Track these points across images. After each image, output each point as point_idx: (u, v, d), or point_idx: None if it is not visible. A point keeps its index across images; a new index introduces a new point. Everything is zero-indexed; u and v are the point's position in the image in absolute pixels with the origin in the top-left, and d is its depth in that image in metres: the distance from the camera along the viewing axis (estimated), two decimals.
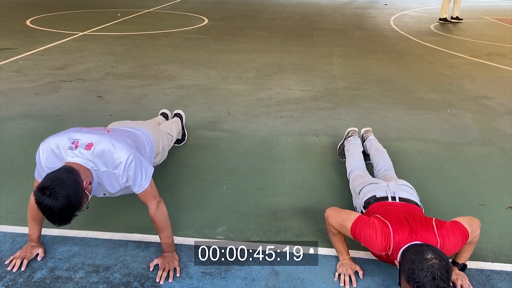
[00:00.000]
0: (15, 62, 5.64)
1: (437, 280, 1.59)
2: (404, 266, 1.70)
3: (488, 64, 6.09)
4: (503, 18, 10.58)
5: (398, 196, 2.19)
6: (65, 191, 1.67)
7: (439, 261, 1.62)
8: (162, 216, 2.04)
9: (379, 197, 2.22)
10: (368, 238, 1.90)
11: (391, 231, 1.88)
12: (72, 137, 1.93)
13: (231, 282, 2.00)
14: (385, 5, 12.41)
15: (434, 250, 1.68)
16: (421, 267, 1.61)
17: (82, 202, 1.75)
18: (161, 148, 2.61)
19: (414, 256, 1.67)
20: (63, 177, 1.70)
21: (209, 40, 7.29)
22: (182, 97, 4.45)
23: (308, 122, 3.87)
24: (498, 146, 3.47)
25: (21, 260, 2.06)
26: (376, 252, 1.93)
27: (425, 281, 1.59)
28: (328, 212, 2.08)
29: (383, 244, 1.87)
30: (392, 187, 2.27)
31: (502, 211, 2.59)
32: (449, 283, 1.63)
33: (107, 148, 1.89)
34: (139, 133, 2.38)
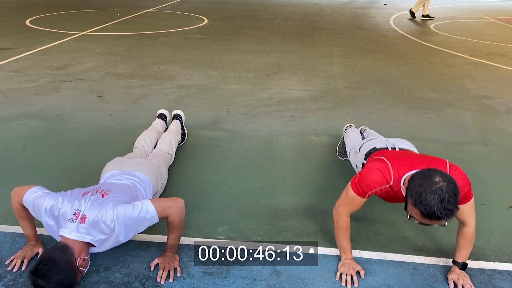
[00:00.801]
0: (14, 62, 5.64)
1: (445, 202, 1.59)
2: (411, 190, 1.69)
3: (488, 63, 6.09)
4: (503, 18, 10.59)
5: (398, 147, 2.28)
6: (57, 274, 1.71)
7: (447, 184, 1.62)
8: (179, 219, 2.02)
9: (379, 148, 2.30)
10: (367, 180, 1.93)
11: (388, 162, 1.92)
12: (74, 206, 1.93)
13: (232, 282, 1.99)
14: (384, 5, 12.41)
15: (442, 173, 1.67)
16: (429, 190, 1.61)
17: (75, 281, 1.81)
18: (159, 186, 2.57)
19: (422, 180, 1.67)
20: (56, 259, 1.75)
21: (209, 40, 7.28)
22: (182, 97, 4.44)
23: (309, 122, 3.87)
24: (498, 145, 3.47)
25: (21, 259, 2.06)
26: (382, 189, 1.92)
27: (432, 203, 1.59)
28: (335, 207, 2.10)
29: (382, 175, 1.89)
30: (391, 140, 2.37)
31: (503, 210, 2.59)
32: (456, 205, 1.63)
33: (99, 217, 1.89)
34: (137, 181, 2.33)
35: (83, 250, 1.88)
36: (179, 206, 2.02)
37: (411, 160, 1.94)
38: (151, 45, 6.82)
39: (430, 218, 1.64)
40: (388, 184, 1.89)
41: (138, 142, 2.95)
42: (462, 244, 2.01)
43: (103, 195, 2.03)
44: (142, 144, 2.93)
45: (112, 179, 2.29)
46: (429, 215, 1.63)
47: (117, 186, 2.19)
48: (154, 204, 1.95)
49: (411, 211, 1.72)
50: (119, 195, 2.06)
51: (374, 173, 1.92)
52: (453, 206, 1.61)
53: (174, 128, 3.25)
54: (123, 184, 2.23)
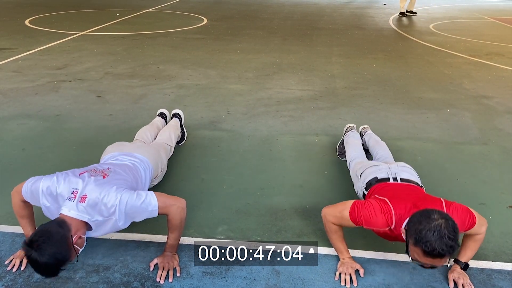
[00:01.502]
0: (14, 62, 5.63)
1: (445, 238, 1.59)
2: (410, 230, 1.70)
3: (487, 63, 6.10)
4: (502, 18, 10.59)
5: (400, 177, 2.23)
6: (51, 247, 1.69)
7: (445, 221, 1.63)
8: (179, 219, 2.02)
9: (380, 178, 2.25)
10: (368, 218, 1.90)
11: (391, 205, 1.90)
12: (72, 185, 1.94)
13: (232, 281, 1.99)
14: (384, 5, 12.42)
15: (440, 212, 1.69)
16: (428, 227, 1.62)
17: (69, 257, 1.78)
18: (159, 170, 2.59)
19: (420, 218, 1.68)
20: (52, 232, 1.74)
21: (209, 40, 7.28)
22: (182, 97, 4.44)
23: (308, 122, 3.87)
24: (498, 145, 3.47)
25: (20, 259, 2.06)
26: (380, 229, 1.92)
27: (432, 239, 1.60)
28: (324, 211, 2.08)
29: (384, 219, 1.88)
30: (393, 169, 2.31)
31: (503, 210, 2.59)
32: (457, 241, 1.63)
33: (100, 198, 1.90)
34: (137, 162, 2.35)
35: (80, 229, 1.86)
36: (180, 206, 2.02)
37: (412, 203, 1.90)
38: (150, 45, 6.82)
39: (432, 256, 1.63)
40: (388, 227, 1.89)
41: (138, 135, 3.01)
42: (469, 245, 2.00)
43: (104, 176, 2.03)
44: (142, 136, 2.97)
45: (111, 160, 2.31)
46: (430, 253, 1.62)
47: (116, 166, 2.19)
48: (158, 199, 1.96)
49: (413, 252, 1.71)
50: (120, 177, 2.07)
51: (376, 215, 1.89)
52: (454, 242, 1.61)
53: (173, 123, 3.28)
54: (123, 165, 2.24)
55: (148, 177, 2.39)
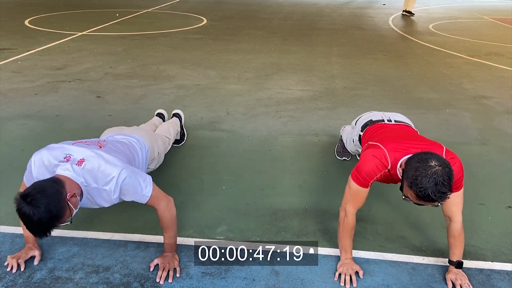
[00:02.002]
0: (14, 63, 5.63)
1: (439, 185, 1.64)
2: (407, 173, 1.74)
3: (487, 63, 6.10)
4: (501, 18, 10.60)
5: (394, 119, 2.32)
6: (45, 200, 1.65)
7: (442, 168, 1.66)
8: (170, 216, 2.04)
9: (375, 120, 2.34)
10: (367, 170, 1.95)
11: (384, 148, 1.95)
12: (64, 151, 1.92)
13: (231, 282, 2.00)
14: (383, 5, 12.42)
15: (439, 157, 1.72)
16: (424, 174, 1.66)
17: (63, 213, 1.73)
18: (156, 154, 2.59)
19: (418, 163, 1.71)
20: (47, 186, 1.70)
21: (208, 40, 7.29)
22: (181, 97, 4.45)
23: (308, 122, 3.87)
24: (497, 145, 3.48)
25: (16, 260, 2.04)
26: (382, 173, 1.96)
27: (427, 186, 1.65)
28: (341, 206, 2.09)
29: (380, 162, 1.93)
30: (387, 113, 2.41)
31: (502, 210, 2.60)
32: (450, 188, 1.68)
33: (97, 165, 1.89)
34: (134, 141, 2.37)
35: (74, 189, 1.82)
36: (169, 203, 2.05)
37: (407, 144, 1.96)
38: (150, 45, 6.82)
39: (425, 200, 1.70)
40: (386, 168, 1.94)
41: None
42: (452, 243, 2.03)
43: (100, 146, 2.03)
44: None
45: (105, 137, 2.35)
46: (423, 197, 1.69)
47: (114, 142, 2.21)
48: (154, 188, 1.98)
49: (406, 192, 1.78)
50: (115, 149, 2.08)
51: (371, 160, 1.96)
52: (447, 189, 1.67)
53: (173, 120, 3.29)
54: (118, 141, 2.26)
55: (144, 156, 2.38)
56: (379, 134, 2.20)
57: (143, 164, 2.39)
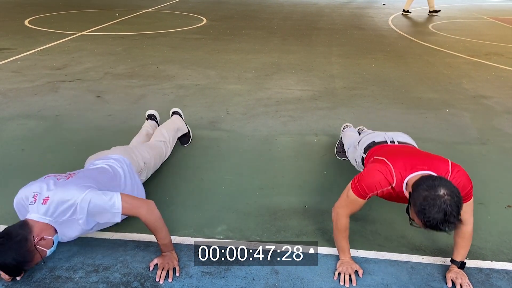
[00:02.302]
0: (13, 62, 5.64)
1: (448, 216, 1.60)
2: (415, 200, 1.69)
3: (486, 63, 6.10)
4: (501, 18, 10.61)
5: (397, 140, 2.27)
6: (10, 248, 1.75)
7: (451, 198, 1.61)
8: (153, 219, 2.03)
9: (378, 142, 2.28)
10: (368, 182, 1.91)
11: (390, 164, 1.90)
12: (33, 190, 1.97)
13: (231, 281, 2.00)
14: (383, 5, 12.43)
15: (447, 185, 1.66)
16: (432, 203, 1.61)
17: (30, 258, 1.81)
18: (142, 164, 2.57)
19: (426, 191, 1.65)
20: (12, 233, 1.79)
21: (208, 40, 7.29)
22: (181, 97, 4.45)
23: (307, 122, 3.87)
24: (496, 145, 3.48)
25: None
26: (384, 191, 1.91)
27: (436, 217, 1.60)
28: (334, 208, 2.09)
29: (383, 177, 1.88)
30: (390, 134, 2.36)
31: (501, 210, 2.60)
32: (459, 218, 1.63)
33: (60, 199, 1.91)
34: (112, 162, 2.36)
35: (44, 230, 1.88)
36: (149, 208, 2.03)
37: (413, 160, 1.91)
38: (150, 45, 6.82)
39: (432, 229, 1.65)
40: (390, 185, 1.88)
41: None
42: (460, 243, 2.02)
43: (68, 177, 2.05)
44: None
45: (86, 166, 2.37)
46: (431, 227, 1.64)
47: (87, 170, 2.22)
48: (124, 200, 1.96)
49: (414, 217, 1.72)
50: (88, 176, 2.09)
51: (376, 174, 1.90)
52: (456, 219, 1.62)
53: (168, 120, 3.25)
54: (97, 168, 2.27)
55: (128, 174, 2.37)
56: (383, 153, 2.12)
57: (131, 178, 2.38)
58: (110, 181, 2.20)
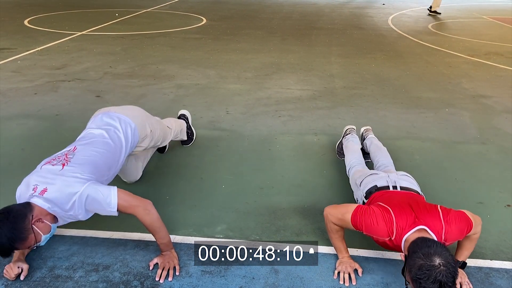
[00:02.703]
0: (13, 62, 5.64)
1: (442, 286, 1.59)
2: (410, 266, 1.68)
3: (486, 63, 6.11)
4: (500, 18, 10.61)
5: (399, 185, 2.21)
6: (7, 223, 1.76)
7: (446, 269, 1.60)
8: (151, 220, 2.02)
9: (380, 187, 2.23)
10: (369, 225, 1.90)
11: (393, 216, 1.88)
12: (32, 182, 1.97)
13: (231, 280, 2.00)
14: (383, 5, 12.43)
15: (442, 253, 1.65)
16: (428, 274, 1.60)
17: (25, 236, 1.80)
18: (148, 131, 2.54)
19: (422, 261, 1.64)
20: (13, 209, 1.81)
21: (208, 40, 7.29)
22: (181, 97, 4.45)
23: (307, 121, 3.88)
24: (496, 144, 3.48)
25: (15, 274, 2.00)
26: (379, 238, 1.92)
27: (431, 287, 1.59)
28: (326, 210, 2.09)
29: (385, 229, 1.87)
30: (393, 177, 2.29)
31: (501, 209, 2.60)
32: (454, 285, 1.62)
33: (58, 191, 1.92)
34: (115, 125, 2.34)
35: (44, 215, 1.90)
36: (146, 208, 2.01)
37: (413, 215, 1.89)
38: (149, 45, 6.82)
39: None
40: (388, 238, 1.89)
41: None
42: (464, 244, 2.02)
43: (63, 164, 2.03)
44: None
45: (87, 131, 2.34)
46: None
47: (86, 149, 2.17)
48: (120, 197, 1.95)
49: (409, 281, 1.71)
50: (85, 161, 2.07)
51: (378, 224, 1.89)
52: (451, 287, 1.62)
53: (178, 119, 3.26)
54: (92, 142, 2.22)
55: (131, 135, 2.37)
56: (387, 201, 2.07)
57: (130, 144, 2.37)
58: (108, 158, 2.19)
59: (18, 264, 2.02)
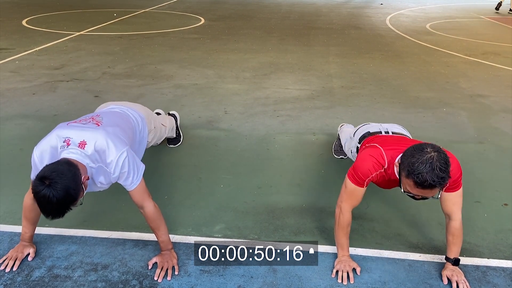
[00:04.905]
0: (11, 62, 5.63)
1: (436, 170, 1.63)
2: (403, 163, 1.74)
3: (483, 63, 6.13)
4: (498, 18, 10.64)
5: (391, 131, 2.32)
6: (65, 182, 1.65)
7: (437, 153, 1.66)
8: (159, 214, 2.06)
9: (372, 132, 2.34)
10: (363, 169, 1.96)
11: (381, 148, 1.96)
12: (61, 135, 1.91)
13: (230, 279, 2.01)
14: (381, 5, 12.45)
15: (433, 145, 1.73)
16: (420, 160, 1.66)
17: (79, 195, 1.74)
18: (152, 127, 2.62)
19: (413, 151, 1.72)
20: (63, 169, 1.69)
21: (206, 40, 7.29)
22: (179, 97, 4.46)
23: (305, 121, 3.88)
24: (493, 144, 3.49)
25: (13, 260, 2.05)
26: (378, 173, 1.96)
27: (424, 171, 1.64)
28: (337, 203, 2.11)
29: (376, 160, 1.94)
30: (385, 125, 2.41)
31: (498, 208, 2.62)
32: (448, 173, 1.67)
33: (100, 146, 1.89)
34: (128, 111, 2.39)
35: (85, 171, 1.83)
36: (155, 205, 2.06)
37: (404, 145, 1.95)
38: (148, 45, 6.82)
39: (423, 187, 1.68)
40: (382, 168, 1.94)
41: None
42: (451, 240, 2.04)
43: (98, 123, 2.02)
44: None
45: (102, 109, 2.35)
46: (421, 184, 1.67)
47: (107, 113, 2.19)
48: (141, 184, 1.99)
49: (405, 184, 1.77)
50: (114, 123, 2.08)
51: (368, 159, 1.97)
52: (445, 174, 1.66)
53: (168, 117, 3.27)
54: (115, 112, 2.25)
55: (142, 127, 2.41)
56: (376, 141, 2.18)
57: (143, 133, 2.41)
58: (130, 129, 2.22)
59: (26, 246, 2.06)
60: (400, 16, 10.46)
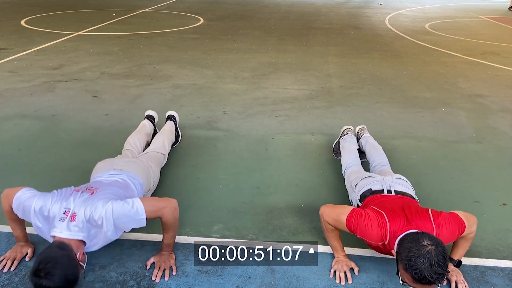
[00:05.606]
0: (10, 62, 5.62)
1: (435, 266, 1.60)
2: (401, 255, 1.71)
3: (482, 62, 6.13)
4: (497, 17, 10.64)
5: (394, 189, 2.22)
6: (60, 270, 1.68)
7: (435, 248, 1.63)
8: (174, 218, 2.04)
9: (374, 190, 2.24)
10: (363, 229, 1.91)
11: (387, 221, 1.89)
12: (64, 205, 1.92)
13: (227, 280, 2.00)
14: (380, 5, 12.45)
15: (430, 236, 1.69)
16: (418, 254, 1.62)
17: (78, 276, 1.77)
18: (152, 185, 2.56)
19: (410, 243, 1.68)
20: (57, 256, 1.72)
21: (205, 40, 7.29)
22: (178, 97, 4.45)
23: (304, 121, 3.88)
24: (492, 143, 3.49)
25: (11, 261, 2.06)
26: (373, 242, 1.94)
27: (422, 267, 1.60)
28: (322, 209, 2.09)
29: (379, 234, 1.88)
30: (388, 181, 2.29)
31: (496, 208, 2.61)
32: (447, 269, 1.64)
33: (87, 214, 1.88)
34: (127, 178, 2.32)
35: (79, 246, 1.86)
36: (173, 206, 2.02)
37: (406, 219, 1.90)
38: (146, 45, 6.82)
39: (422, 283, 1.64)
40: (382, 242, 1.90)
41: (128, 144, 2.92)
42: (461, 243, 2.02)
43: (92, 192, 2.01)
44: (132, 145, 2.90)
45: (101, 178, 2.29)
46: (420, 280, 1.63)
47: (106, 183, 2.19)
48: (146, 204, 1.93)
49: (403, 276, 1.72)
50: (109, 190, 2.06)
51: (372, 228, 1.90)
52: (443, 270, 1.62)
53: (167, 128, 3.21)
54: (113, 181, 2.23)
55: (141, 192, 2.36)
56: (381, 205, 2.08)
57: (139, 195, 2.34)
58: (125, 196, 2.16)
59: (24, 246, 2.06)
60: (399, 16, 10.46)
